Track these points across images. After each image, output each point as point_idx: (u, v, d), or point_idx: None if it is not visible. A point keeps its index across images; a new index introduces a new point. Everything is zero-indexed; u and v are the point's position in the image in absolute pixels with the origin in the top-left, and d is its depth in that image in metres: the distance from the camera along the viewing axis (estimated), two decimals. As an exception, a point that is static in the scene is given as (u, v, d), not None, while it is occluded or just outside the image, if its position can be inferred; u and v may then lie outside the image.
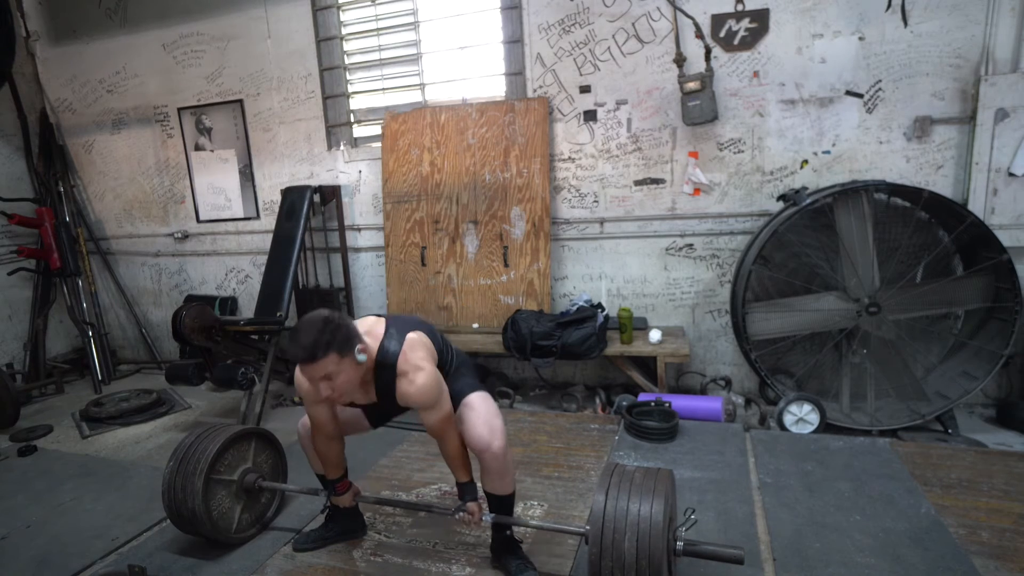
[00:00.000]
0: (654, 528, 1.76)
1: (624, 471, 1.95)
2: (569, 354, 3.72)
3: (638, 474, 1.93)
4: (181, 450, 2.41)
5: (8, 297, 5.15)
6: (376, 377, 2.02)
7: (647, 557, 1.72)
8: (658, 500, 1.81)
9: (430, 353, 2.06)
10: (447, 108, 4.33)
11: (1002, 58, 3.35)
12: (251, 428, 2.61)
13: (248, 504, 2.55)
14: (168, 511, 2.39)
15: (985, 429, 3.47)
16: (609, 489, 1.87)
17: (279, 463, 2.72)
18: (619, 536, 1.77)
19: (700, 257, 4.04)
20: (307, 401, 2.11)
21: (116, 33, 5.07)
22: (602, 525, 1.80)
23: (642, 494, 1.83)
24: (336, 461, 2.27)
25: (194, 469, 2.33)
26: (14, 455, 3.59)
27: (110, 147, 5.36)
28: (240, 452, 2.53)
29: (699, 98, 3.67)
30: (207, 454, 2.36)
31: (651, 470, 1.97)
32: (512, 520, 2.21)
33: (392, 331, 2.03)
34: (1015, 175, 3.37)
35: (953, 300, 3.43)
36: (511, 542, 2.26)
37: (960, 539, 2.28)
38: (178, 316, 4.05)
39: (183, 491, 2.32)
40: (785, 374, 3.83)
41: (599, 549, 1.78)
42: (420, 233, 4.40)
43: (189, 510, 2.32)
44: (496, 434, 2.07)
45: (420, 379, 1.96)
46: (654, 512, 1.78)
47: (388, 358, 1.99)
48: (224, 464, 2.45)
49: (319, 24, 4.58)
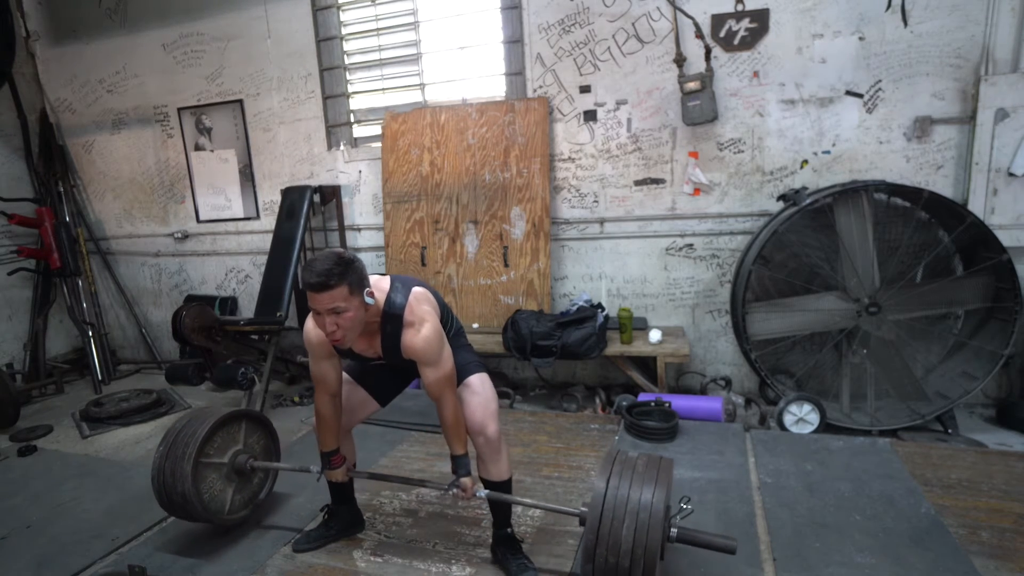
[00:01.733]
0: (653, 518, 1.74)
1: (627, 458, 1.93)
2: (569, 354, 3.72)
3: (640, 462, 1.91)
4: (171, 435, 2.41)
5: (8, 297, 5.15)
6: (382, 328, 2.05)
7: (643, 546, 1.71)
8: (660, 490, 1.78)
9: (434, 309, 2.11)
10: (447, 108, 4.33)
11: (1002, 58, 3.35)
12: (241, 410, 2.60)
13: (240, 486, 2.55)
14: (158, 496, 2.39)
15: (985, 429, 3.47)
16: (611, 477, 1.85)
17: (271, 444, 2.72)
18: (617, 523, 1.74)
19: (700, 257, 4.04)
20: (314, 356, 2.15)
21: (116, 33, 5.07)
22: (601, 512, 1.78)
23: (643, 483, 1.80)
24: (333, 428, 2.26)
25: (183, 453, 2.32)
26: (14, 455, 3.59)
27: (110, 147, 5.36)
28: (230, 434, 2.52)
29: (699, 98, 3.67)
30: (196, 437, 2.35)
31: (653, 458, 1.94)
32: (507, 498, 2.20)
33: (397, 285, 2.09)
34: (1015, 175, 3.37)
35: (953, 300, 3.43)
36: (511, 541, 2.26)
37: (960, 539, 2.28)
38: (178, 316, 4.06)
39: (172, 476, 2.32)
40: (785, 374, 3.83)
41: (595, 536, 1.76)
42: (420, 233, 4.40)
43: (179, 494, 2.31)
44: (491, 418, 2.15)
45: (424, 330, 2.00)
46: (655, 502, 1.75)
47: (395, 308, 2.03)
48: (214, 447, 2.44)
49: (319, 24, 4.58)
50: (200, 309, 4.22)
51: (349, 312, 1.88)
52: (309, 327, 2.10)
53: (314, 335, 2.09)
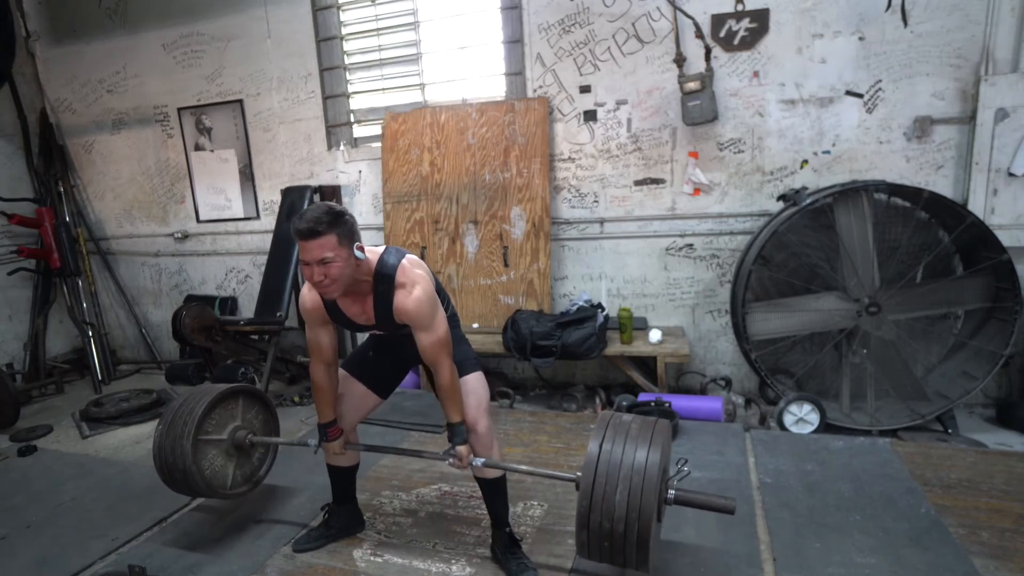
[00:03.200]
0: (648, 480, 1.70)
1: (620, 421, 1.88)
2: (569, 354, 3.72)
3: (634, 424, 1.86)
4: (169, 413, 2.41)
5: (8, 297, 5.15)
6: (374, 289, 2.05)
7: (637, 509, 1.68)
8: (654, 451, 1.74)
9: (428, 275, 2.11)
10: (447, 108, 4.33)
11: (1002, 58, 3.35)
12: (238, 386, 2.59)
13: (240, 461, 2.56)
14: (160, 472, 2.40)
15: (985, 429, 3.47)
16: (604, 441, 1.81)
17: (270, 419, 2.71)
18: (611, 487, 1.71)
19: (700, 257, 4.04)
20: (309, 323, 2.19)
21: (116, 33, 5.07)
22: (594, 476, 1.75)
23: (637, 446, 1.76)
24: (329, 398, 2.27)
25: (182, 431, 2.33)
26: (14, 455, 3.59)
27: (110, 147, 5.36)
28: (228, 410, 2.53)
29: (699, 98, 3.67)
30: (194, 415, 2.35)
31: (648, 420, 1.90)
32: (503, 465, 2.18)
33: (391, 250, 2.09)
34: (1015, 175, 3.37)
35: (953, 300, 3.43)
36: (511, 540, 2.27)
37: (960, 539, 2.28)
38: (178, 316, 4.06)
39: (172, 453, 2.32)
40: (785, 374, 3.83)
41: (589, 501, 1.74)
42: (420, 233, 4.40)
43: (181, 471, 2.32)
44: (483, 414, 2.18)
45: (416, 292, 2.00)
46: (649, 464, 1.71)
47: (387, 269, 2.03)
48: (212, 424, 2.44)
49: (319, 24, 4.58)
50: (200, 309, 4.23)
51: (337, 263, 1.89)
52: (304, 293, 2.14)
53: (309, 300, 2.13)
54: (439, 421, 3.57)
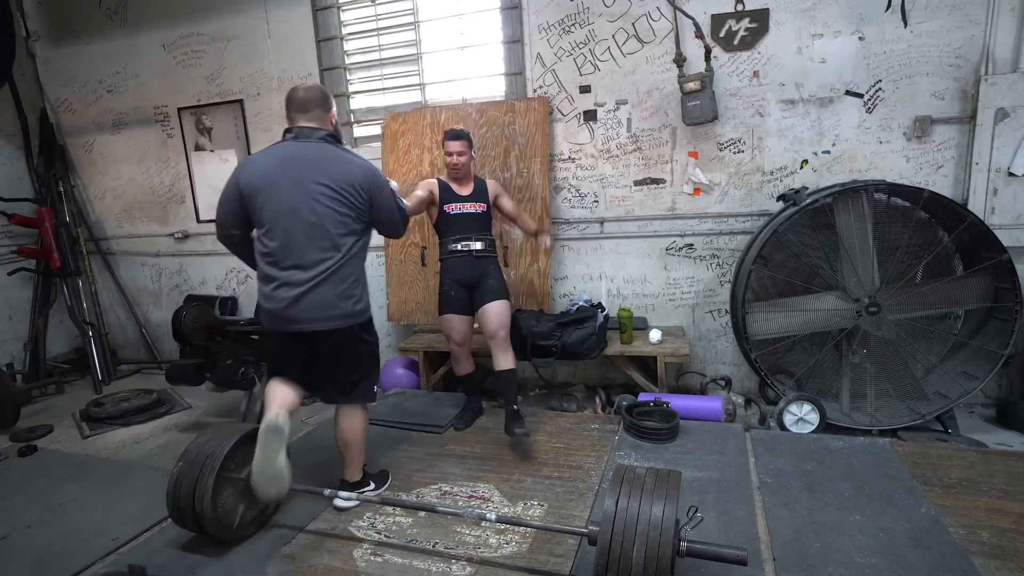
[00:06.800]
0: (664, 536, 1.73)
1: (635, 475, 1.92)
2: (569, 354, 3.71)
3: (649, 478, 1.90)
4: (193, 449, 2.43)
5: (8, 297, 5.15)
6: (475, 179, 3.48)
7: (654, 566, 1.70)
8: (669, 506, 1.77)
9: None
10: (447, 108, 4.33)
11: (1002, 58, 3.35)
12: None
13: (252, 503, 2.55)
14: (171, 508, 2.39)
15: (985, 429, 3.47)
16: (619, 497, 1.84)
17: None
18: (628, 544, 1.74)
19: (700, 257, 4.04)
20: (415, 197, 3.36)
21: (116, 33, 5.07)
22: (611, 534, 1.77)
23: (653, 501, 1.79)
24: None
25: (205, 467, 2.34)
26: (14, 455, 3.59)
27: (110, 147, 5.36)
28: (250, 451, 2.52)
29: (699, 98, 3.67)
30: (219, 452, 2.37)
31: (662, 473, 1.93)
32: (519, 521, 2.26)
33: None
34: (1015, 175, 3.37)
35: (953, 300, 3.43)
36: (517, 415, 3.21)
37: (960, 539, 2.28)
38: (178, 316, 4.05)
39: (193, 487, 2.32)
40: (785, 374, 3.83)
41: (606, 559, 1.75)
42: (420, 233, 4.39)
43: (196, 508, 2.32)
44: (503, 327, 3.34)
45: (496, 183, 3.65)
46: (665, 519, 1.74)
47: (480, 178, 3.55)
48: (235, 462, 2.45)
49: (319, 24, 4.58)
50: (200, 309, 4.21)
51: (466, 155, 3.34)
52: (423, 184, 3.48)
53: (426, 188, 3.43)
54: (439, 421, 3.59)
